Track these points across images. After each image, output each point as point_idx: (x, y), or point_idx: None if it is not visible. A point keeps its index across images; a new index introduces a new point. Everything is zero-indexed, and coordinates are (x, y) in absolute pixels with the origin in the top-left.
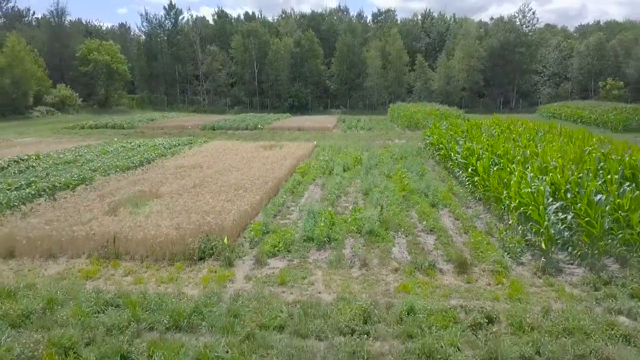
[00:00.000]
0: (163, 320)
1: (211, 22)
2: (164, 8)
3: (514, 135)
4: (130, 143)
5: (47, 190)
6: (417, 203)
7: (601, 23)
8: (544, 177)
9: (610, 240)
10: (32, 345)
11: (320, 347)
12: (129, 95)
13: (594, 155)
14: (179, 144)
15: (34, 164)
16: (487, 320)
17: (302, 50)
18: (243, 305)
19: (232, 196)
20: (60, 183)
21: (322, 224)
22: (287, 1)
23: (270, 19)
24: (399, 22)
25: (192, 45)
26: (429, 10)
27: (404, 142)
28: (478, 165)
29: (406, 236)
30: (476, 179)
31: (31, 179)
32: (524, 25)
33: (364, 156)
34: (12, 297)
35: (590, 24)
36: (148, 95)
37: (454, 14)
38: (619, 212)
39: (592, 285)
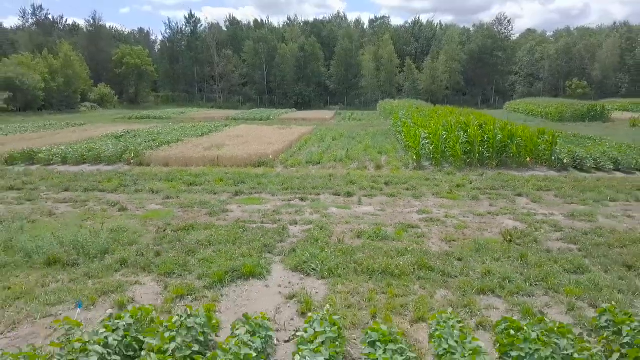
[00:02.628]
0: (247, 185)
1: (224, 28)
2: (185, 17)
3: (466, 118)
4: (182, 125)
5: (165, 143)
6: (370, 152)
7: (602, 23)
8: (426, 132)
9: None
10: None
11: (307, 184)
12: (154, 93)
13: (459, 120)
14: (219, 126)
15: (136, 135)
16: (384, 181)
17: (305, 54)
18: (280, 176)
19: (266, 145)
20: (169, 140)
21: (315, 156)
22: (289, 1)
23: (275, 24)
24: (392, 26)
25: (209, 50)
26: (418, 17)
27: (381, 127)
28: (405, 131)
29: (358, 161)
30: (404, 138)
31: (150, 140)
32: (501, 32)
33: (348, 134)
34: (175, 179)
35: (591, 25)
36: (171, 94)
37: (440, 21)
38: (451, 144)
39: (431, 171)
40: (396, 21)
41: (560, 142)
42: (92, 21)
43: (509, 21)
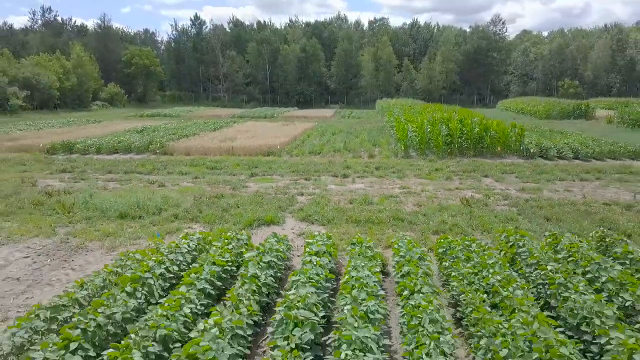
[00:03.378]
0: (260, 169)
1: (227, 29)
2: (190, 19)
3: (448, 114)
4: (194, 122)
5: (183, 136)
6: (365, 144)
7: (605, 23)
8: (413, 126)
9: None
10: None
11: (310, 168)
12: (160, 92)
13: (442, 116)
14: (228, 122)
15: (155, 130)
16: (375, 166)
17: (307, 55)
18: (287, 163)
19: (273, 139)
20: (187, 134)
21: (317, 148)
22: (290, 0)
23: (277, 24)
24: (391, 28)
25: (213, 51)
26: (416, 19)
27: (378, 124)
28: (396, 125)
29: (354, 152)
30: (395, 132)
31: (170, 133)
32: (495, 34)
33: (346, 130)
34: (199, 165)
35: (591, 26)
36: (177, 93)
37: (437, 23)
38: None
39: (416, 159)
40: (397, 20)
41: (536, 135)
42: (101, 23)
43: (503, 23)
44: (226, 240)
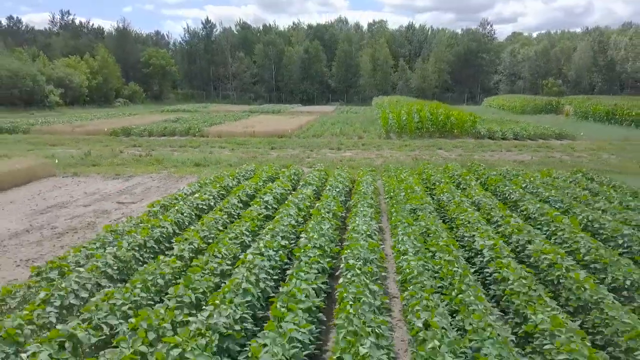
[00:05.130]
0: (277, 145)
1: (235, 32)
2: (202, 22)
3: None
4: (215, 114)
5: (213, 124)
6: (357, 131)
7: (605, 23)
8: (393, 115)
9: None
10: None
11: (313, 145)
12: (173, 90)
13: (417, 108)
14: (243, 115)
15: (186, 120)
16: (361, 143)
17: (309, 56)
18: (296, 141)
19: (284, 126)
20: (214, 122)
21: (318, 132)
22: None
23: (281, 27)
24: (389, 29)
25: (223, 52)
26: (412, 22)
27: (370, 117)
28: (381, 115)
29: (348, 135)
30: (380, 121)
31: (201, 122)
32: (484, 36)
33: (343, 121)
34: (230, 143)
35: (586, 29)
36: (190, 91)
37: (431, 26)
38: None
39: (394, 139)
40: (399, 19)
41: (491, 123)
42: (120, 26)
43: (491, 26)
44: (284, 170)
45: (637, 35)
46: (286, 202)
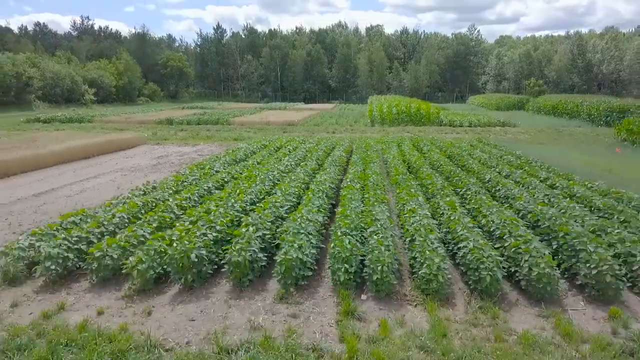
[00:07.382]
0: (287, 130)
1: (243, 36)
2: (213, 28)
3: (397, 102)
4: (232, 110)
5: (235, 116)
6: (350, 122)
7: (608, 22)
8: (377, 109)
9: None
10: None
11: (314, 130)
12: (187, 89)
13: (396, 103)
14: (256, 110)
15: (211, 114)
16: (351, 129)
17: (312, 59)
18: (302, 128)
19: (291, 118)
20: (236, 115)
21: (319, 123)
22: (293, 0)
23: (284, 30)
24: (385, 34)
25: (233, 55)
26: (405, 27)
27: (364, 113)
28: (369, 109)
29: (342, 125)
30: (368, 114)
31: (224, 115)
32: (472, 40)
33: (340, 115)
34: (252, 129)
35: (593, 25)
36: (202, 90)
37: (424, 30)
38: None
39: (377, 128)
40: (400, 20)
41: (454, 115)
42: (140, 31)
43: (478, 31)
44: (299, 140)
45: (612, 40)
46: (308, 156)
